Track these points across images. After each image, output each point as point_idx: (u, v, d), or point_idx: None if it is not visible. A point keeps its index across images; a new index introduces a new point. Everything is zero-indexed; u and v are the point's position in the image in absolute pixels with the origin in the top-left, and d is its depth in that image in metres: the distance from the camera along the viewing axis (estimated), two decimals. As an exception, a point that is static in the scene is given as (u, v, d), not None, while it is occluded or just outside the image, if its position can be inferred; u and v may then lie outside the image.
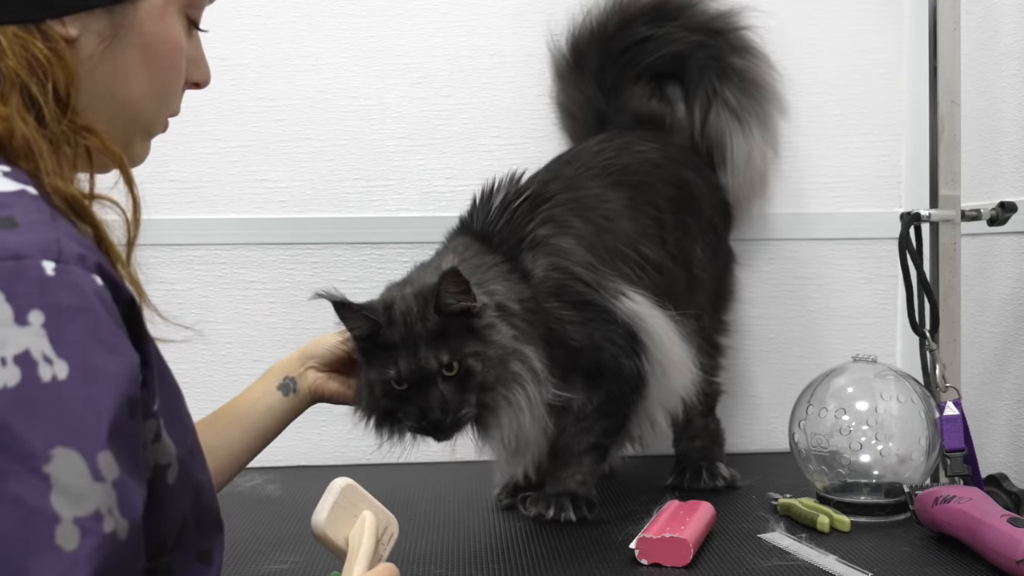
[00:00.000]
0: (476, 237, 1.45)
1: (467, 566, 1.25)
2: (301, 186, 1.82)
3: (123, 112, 0.84)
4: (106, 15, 0.80)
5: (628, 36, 1.71)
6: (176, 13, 0.86)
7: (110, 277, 0.71)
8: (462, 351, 1.29)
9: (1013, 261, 1.62)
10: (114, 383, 0.67)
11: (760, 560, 1.23)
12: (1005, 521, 1.17)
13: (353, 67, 1.82)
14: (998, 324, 1.66)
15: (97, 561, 0.63)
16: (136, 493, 0.68)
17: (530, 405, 1.32)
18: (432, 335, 1.29)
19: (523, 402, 1.32)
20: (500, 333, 1.32)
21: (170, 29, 0.85)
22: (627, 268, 1.48)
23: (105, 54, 0.81)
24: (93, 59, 0.80)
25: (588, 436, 1.45)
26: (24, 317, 0.64)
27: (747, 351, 1.89)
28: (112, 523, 0.65)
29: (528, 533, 1.38)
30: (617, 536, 1.32)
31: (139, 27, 0.82)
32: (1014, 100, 1.61)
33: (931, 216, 1.56)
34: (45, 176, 0.74)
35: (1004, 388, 1.63)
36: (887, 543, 1.30)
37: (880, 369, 1.48)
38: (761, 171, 1.74)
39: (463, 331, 1.30)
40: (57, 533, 0.62)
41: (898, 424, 1.45)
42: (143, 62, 0.83)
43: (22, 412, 0.62)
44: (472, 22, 1.84)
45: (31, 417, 0.63)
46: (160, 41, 0.84)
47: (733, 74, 1.71)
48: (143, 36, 0.82)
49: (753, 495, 1.52)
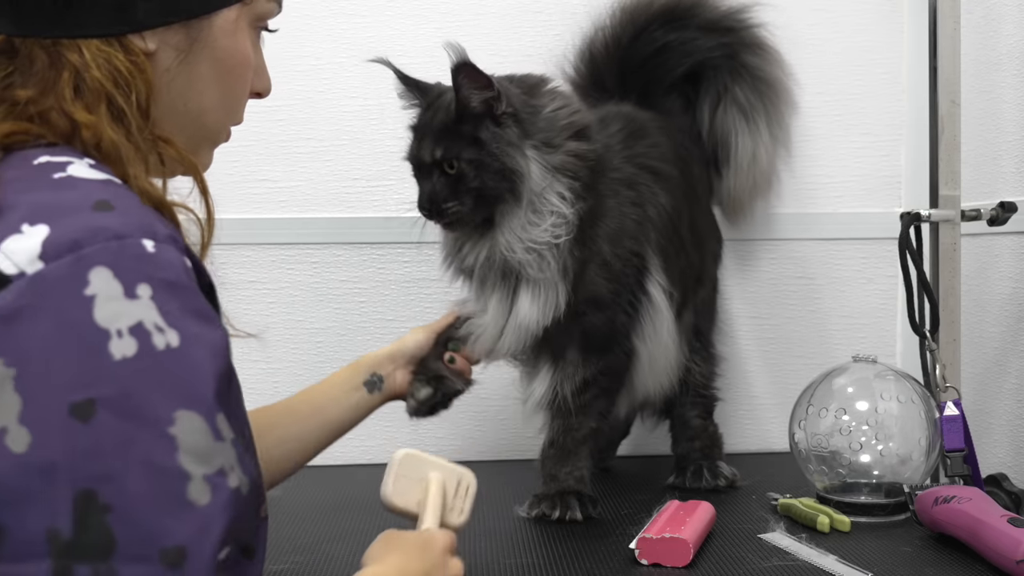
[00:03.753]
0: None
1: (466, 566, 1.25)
2: (301, 186, 1.82)
3: (193, 122, 0.88)
4: (183, 30, 0.84)
5: (645, 46, 1.68)
6: (247, 27, 0.90)
7: (195, 260, 0.76)
8: (458, 152, 1.34)
9: (1013, 261, 1.62)
10: (215, 352, 0.71)
11: (760, 560, 1.23)
12: (1005, 521, 1.17)
13: (353, 67, 1.82)
14: (998, 324, 1.66)
15: (229, 514, 0.68)
16: (246, 454, 0.73)
17: (519, 231, 1.35)
18: (443, 129, 1.35)
19: (510, 223, 1.35)
20: (510, 147, 1.34)
21: (241, 43, 0.89)
22: (671, 248, 1.51)
23: (180, 67, 0.85)
24: (170, 72, 0.84)
25: (589, 420, 1.45)
26: (133, 291, 0.68)
27: (747, 351, 1.89)
28: (236, 479, 0.69)
29: (528, 533, 1.38)
30: (617, 536, 1.33)
31: (213, 41, 0.86)
32: (1014, 100, 1.61)
33: (931, 216, 1.56)
34: (133, 180, 0.78)
35: (1004, 388, 1.63)
36: (887, 543, 1.30)
37: (880, 369, 1.48)
38: (765, 170, 1.73)
39: (475, 133, 1.34)
40: (190, 490, 0.66)
41: (898, 424, 1.45)
42: (215, 75, 0.87)
43: (143, 380, 0.67)
44: (472, 22, 1.84)
45: (152, 384, 0.67)
46: (231, 55, 0.88)
47: (745, 73, 1.70)
48: (216, 50, 0.87)
49: (753, 495, 1.52)
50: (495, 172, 1.34)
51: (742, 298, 1.88)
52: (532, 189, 1.35)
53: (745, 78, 1.70)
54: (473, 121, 1.34)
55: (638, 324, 1.47)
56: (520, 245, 1.36)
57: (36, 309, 0.66)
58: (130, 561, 0.64)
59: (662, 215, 1.49)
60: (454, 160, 1.34)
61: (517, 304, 1.39)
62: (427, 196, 1.37)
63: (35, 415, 0.64)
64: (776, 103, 1.72)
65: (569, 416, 1.45)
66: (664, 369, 1.52)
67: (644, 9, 1.69)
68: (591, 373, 1.45)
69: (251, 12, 0.90)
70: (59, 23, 0.80)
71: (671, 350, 1.52)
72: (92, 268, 0.67)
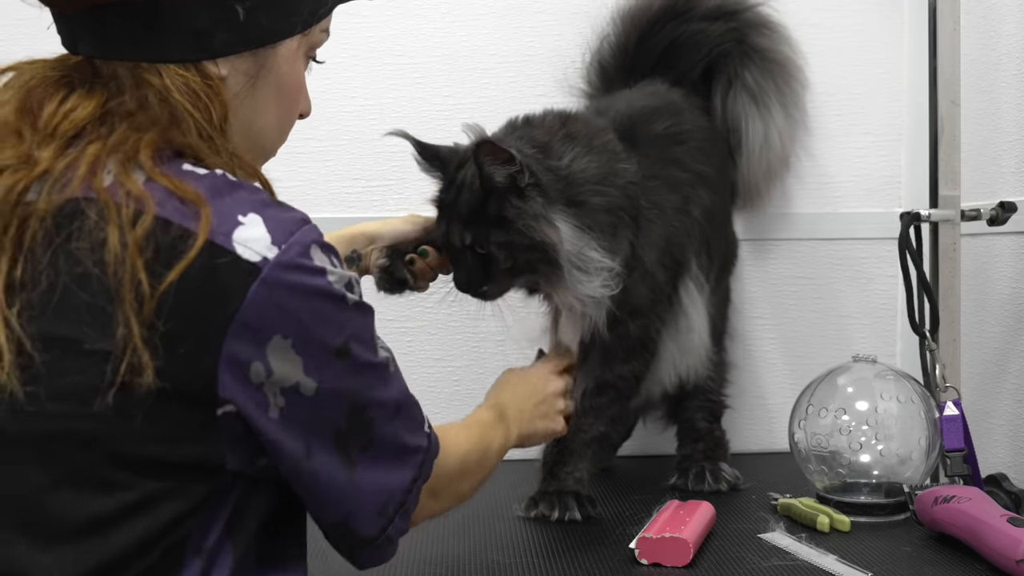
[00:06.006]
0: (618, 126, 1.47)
1: (466, 567, 1.25)
2: (301, 186, 1.82)
3: (255, 142, 0.97)
4: (251, 57, 0.92)
5: (652, 46, 1.67)
6: (303, 55, 0.98)
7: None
8: (487, 236, 1.31)
9: (1013, 261, 1.62)
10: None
11: (760, 560, 1.23)
12: (1005, 521, 1.17)
13: (353, 67, 1.82)
14: (998, 324, 1.65)
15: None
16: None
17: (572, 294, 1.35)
18: (469, 212, 1.33)
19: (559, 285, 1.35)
20: (537, 221, 1.30)
21: (299, 70, 0.98)
22: (712, 237, 1.53)
23: (247, 91, 0.93)
24: (239, 96, 0.92)
25: (599, 424, 1.46)
26: (332, 259, 0.86)
27: (747, 351, 1.89)
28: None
29: (527, 533, 1.38)
30: (617, 536, 1.33)
31: (276, 68, 0.94)
32: (1014, 100, 1.61)
33: (931, 216, 1.56)
34: None
35: (1004, 388, 1.63)
36: (887, 543, 1.30)
37: (880, 369, 1.48)
38: (779, 152, 1.71)
39: (501, 212, 1.31)
40: (390, 366, 0.91)
41: (898, 424, 1.45)
42: (275, 99, 0.96)
43: (364, 320, 0.88)
44: (472, 22, 1.84)
45: (368, 323, 0.90)
46: (291, 80, 0.97)
47: (755, 54, 1.69)
48: (279, 76, 0.95)
49: (753, 495, 1.52)
50: (526, 248, 1.32)
51: (742, 298, 1.88)
52: (569, 252, 1.32)
53: (754, 60, 1.68)
54: (498, 198, 1.31)
55: (672, 324, 1.49)
56: (578, 300, 1.35)
57: (289, 286, 0.80)
58: (378, 426, 0.89)
59: (705, 212, 1.51)
60: (483, 243, 1.32)
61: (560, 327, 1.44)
62: (464, 281, 1.35)
63: (313, 366, 0.82)
64: (787, 81, 1.71)
65: (580, 416, 1.45)
66: (694, 357, 1.54)
67: (644, 10, 1.68)
68: (611, 377, 1.45)
69: (308, 42, 0.98)
70: (141, 47, 0.86)
71: (702, 339, 1.53)
72: (310, 247, 0.82)
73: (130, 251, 0.78)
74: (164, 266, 0.78)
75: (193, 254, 0.78)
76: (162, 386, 0.77)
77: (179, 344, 0.78)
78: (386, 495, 0.90)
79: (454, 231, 1.34)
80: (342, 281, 0.84)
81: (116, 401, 0.77)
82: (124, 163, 0.82)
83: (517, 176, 1.30)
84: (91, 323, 0.78)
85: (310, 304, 0.82)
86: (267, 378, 0.81)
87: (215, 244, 0.79)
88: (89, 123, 0.85)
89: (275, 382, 0.81)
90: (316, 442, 0.85)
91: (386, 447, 0.90)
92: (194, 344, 0.78)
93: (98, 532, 0.77)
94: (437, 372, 1.84)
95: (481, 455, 1.12)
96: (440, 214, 1.38)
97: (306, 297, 0.82)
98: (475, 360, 1.85)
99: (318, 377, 0.83)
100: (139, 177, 0.82)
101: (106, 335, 0.77)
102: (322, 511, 0.89)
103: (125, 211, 0.79)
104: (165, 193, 0.81)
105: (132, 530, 0.78)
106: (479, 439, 1.13)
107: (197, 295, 0.78)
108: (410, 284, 1.39)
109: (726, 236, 1.68)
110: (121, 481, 0.78)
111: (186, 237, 0.79)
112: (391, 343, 0.95)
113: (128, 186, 0.81)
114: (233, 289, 0.79)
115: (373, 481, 0.89)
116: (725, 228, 1.67)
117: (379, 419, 0.88)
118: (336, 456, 0.86)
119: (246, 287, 0.79)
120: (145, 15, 0.85)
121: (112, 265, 0.77)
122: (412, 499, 0.93)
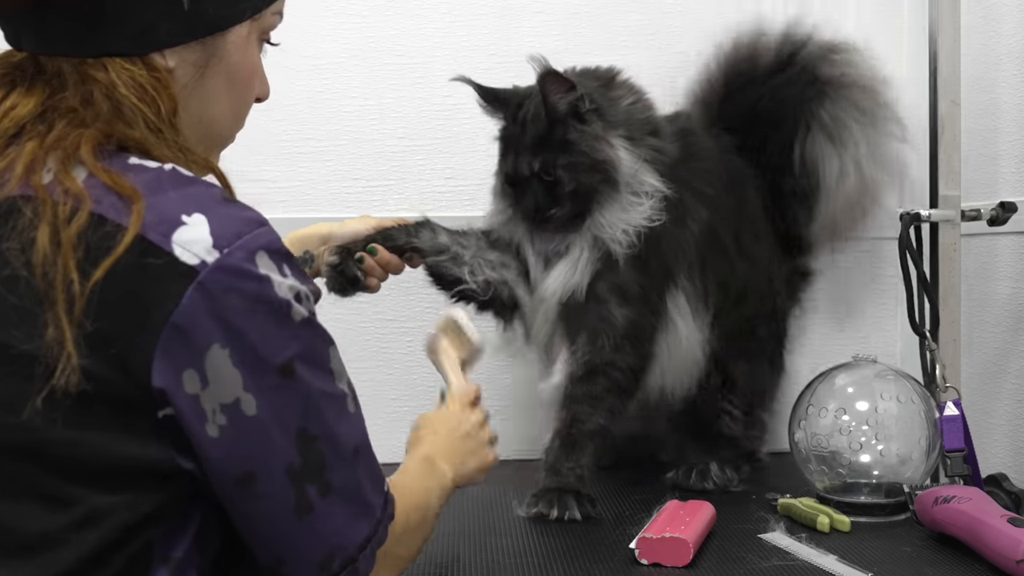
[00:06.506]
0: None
1: (466, 566, 1.25)
2: (301, 186, 1.82)
3: (207, 132, 0.94)
4: (199, 47, 0.89)
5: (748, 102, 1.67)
6: (255, 40, 0.95)
7: None
8: (554, 161, 1.43)
9: (1013, 261, 1.62)
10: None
11: (760, 560, 1.23)
12: (1005, 521, 1.17)
13: (353, 67, 1.82)
14: (998, 324, 1.65)
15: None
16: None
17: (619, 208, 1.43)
18: (535, 141, 1.44)
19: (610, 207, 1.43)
20: (598, 141, 1.43)
21: (251, 55, 0.95)
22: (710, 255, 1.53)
23: (197, 81, 0.90)
24: (188, 87, 0.89)
25: (597, 415, 1.46)
26: (282, 267, 0.82)
27: (747, 351, 1.89)
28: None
29: (528, 533, 1.38)
30: (617, 536, 1.33)
31: (227, 56, 0.91)
32: (1014, 100, 1.61)
33: (931, 216, 1.56)
34: None
35: (1004, 388, 1.63)
36: (887, 543, 1.30)
37: (880, 369, 1.48)
38: (857, 184, 1.64)
39: (565, 136, 1.42)
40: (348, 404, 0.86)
41: (898, 424, 1.45)
42: (227, 87, 0.93)
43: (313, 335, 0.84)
44: (472, 22, 1.84)
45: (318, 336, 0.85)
46: (243, 67, 0.93)
47: (828, 88, 1.64)
48: (230, 64, 0.92)
49: (753, 495, 1.52)
50: (588, 168, 1.43)
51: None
52: (625, 174, 1.43)
53: (828, 94, 1.64)
54: (562, 125, 1.43)
55: (662, 328, 1.49)
56: (620, 227, 1.43)
57: (228, 293, 0.76)
58: (336, 469, 0.82)
59: (703, 228, 1.51)
60: (550, 169, 1.43)
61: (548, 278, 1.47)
62: (532, 207, 1.45)
63: (252, 383, 0.78)
64: (867, 110, 1.65)
65: (573, 405, 1.45)
66: (682, 372, 1.53)
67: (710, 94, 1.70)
68: (599, 362, 1.45)
69: (259, 26, 0.95)
70: (85, 42, 0.84)
71: (693, 354, 1.52)
72: (256, 252, 0.78)
73: (63, 249, 0.75)
74: (92, 264, 0.75)
75: (120, 250, 0.75)
76: (90, 388, 0.74)
77: (108, 345, 0.75)
78: (334, 547, 0.83)
79: (522, 161, 1.44)
80: (291, 292, 0.80)
81: (45, 406, 0.74)
82: (64, 160, 0.80)
83: (578, 103, 1.42)
84: (18, 325, 0.75)
85: (250, 314, 0.77)
86: (202, 389, 0.76)
87: (147, 240, 0.76)
88: (28, 121, 0.83)
89: (213, 395, 0.77)
90: (262, 472, 0.79)
91: (344, 496, 0.83)
92: (124, 345, 0.75)
93: (47, 547, 0.75)
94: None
95: (423, 514, 1.01)
96: (506, 149, 1.49)
97: (246, 306, 0.77)
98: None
99: (258, 396, 0.78)
100: (80, 174, 0.80)
101: (33, 337, 0.74)
102: (256, 547, 0.83)
103: (61, 208, 0.77)
104: (103, 189, 0.78)
105: (83, 543, 0.75)
106: (420, 495, 1.03)
107: (125, 294, 0.75)
108: (361, 282, 1.42)
109: (741, 271, 1.59)
110: (66, 494, 0.76)
111: (115, 233, 0.76)
112: (391, 343, 0.95)
113: (66, 183, 0.78)
114: (168, 291, 0.75)
115: (322, 532, 0.82)
116: (738, 262, 1.59)
117: (333, 458, 0.82)
118: (288, 494, 0.80)
119: (181, 291, 0.75)
120: (89, 12, 0.83)
121: (40, 266, 0.75)
122: (365, 560, 0.85)
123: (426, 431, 1.18)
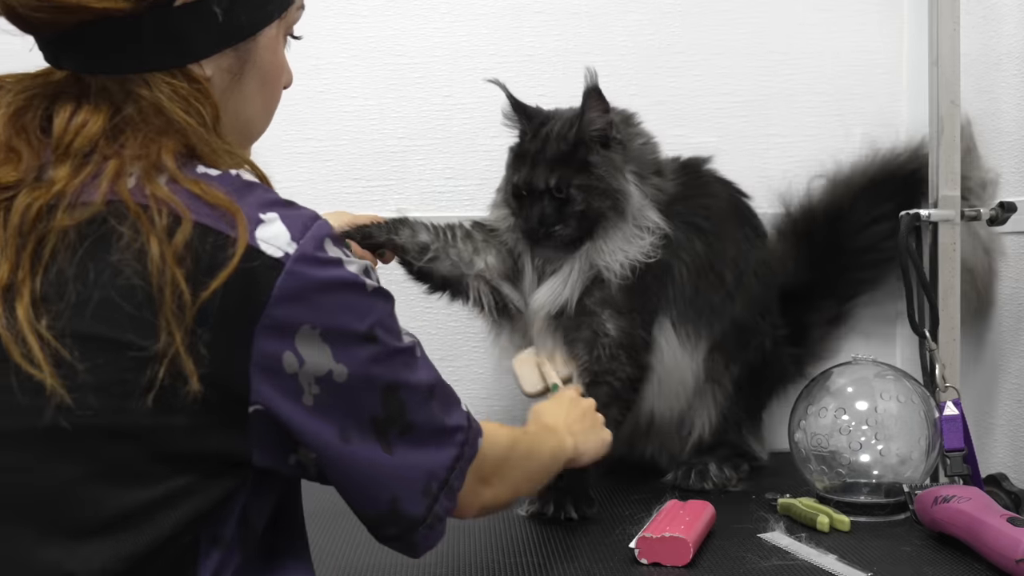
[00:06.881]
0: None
1: (466, 566, 1.25)
2: (301, 186, 1.82)
3: (244, 131, 0.99)
4: (232, 53, 0.93)
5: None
6: (282, 37, 0.99)
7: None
8: (570, 179, 1.46)
9: (1013, 261, 1.62)
10: None
11: (760, 560, 1.23)
12: (1005, 521, 1.17)
13: (353, 67, 1.82)
14: (998, 324, 1.65)
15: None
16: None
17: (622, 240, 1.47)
18: (556, 157, 1.47)
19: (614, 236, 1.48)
20: (617, 171, 1.48)
21: (279, 54, 0.99)
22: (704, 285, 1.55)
23: (233, 86, 0.94)
24: (225, 93, 0.93)
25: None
26: (344, 250, 0.88)
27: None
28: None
29: (528, 533, 1.38)
30: (617, 536, 1.33)
31: (259, 58, 0.95)
32: (1014, 100, 1.61)
33: (931, 216, 1.56)
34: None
35: (1004, 388, 1.63)
36: (887, 543, 1.30)
37: (880, 369, 1.48)
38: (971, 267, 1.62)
39: (587, 157, 1.47)
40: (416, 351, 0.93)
41: (898, 424, 1.45)
42: (260, 86, 0.97)
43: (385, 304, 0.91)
44: (472, 22, 1.84)
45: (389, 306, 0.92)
46: (273, 67, 0.98)
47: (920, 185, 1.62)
48: (262, 65, 0.96)
49: (753, 495, 1.52)
50: (601, 193, 1.47)
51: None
52: (634, 206, 1.48)
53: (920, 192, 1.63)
54: (585, 147, 1.47)
55: (655, 346, 1.51)
56: (620, 257, 1.46)
57: (311, 278, 0.83)
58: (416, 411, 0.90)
59: (696, 259, 1.53)
60: (564, 186, 1.46)
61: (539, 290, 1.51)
62: (537, 219, 1.47)
63: (342, 353, 0.85)
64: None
65: None
66: (671, 397, 1.55)
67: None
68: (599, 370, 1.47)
69: (285, 24, 0.99)
70: (124, 60, 0.87)
71: (683, 379, 1.55)
72: (324, 240, 0.85)
73: (169, 260, 0.80)
74: (206, 273, 0.80)
75: (236, 261, 0.81)
76: (196, 386, 0.80)
77: (219, 347, 0.81)
78: (428, 475, 0.92)
79: (538, 174, 1.47)
80: (360, 269, 0.87)
81: (156, 401, 0.79)
82: (148, 171, 0.84)
83: (609, 128, 1.48)
84: (134, 330, 0.80)
85: (333, 293, 0.85)
86: (300, 367, 0.83)
87: (252, 247, 0.82)
88: (100, 138, 0.86)
89: (308, 371, 0.84)
90: (354, 428, 0.87)
91: (424, 430, 0.91)
92: (230, 345, 0.81)
93: (131, 525, 0.80)
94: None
95: (529, 448, 1.13)
96: (520, 161, 1.52)
97: (328, 287, 0.85)
98: (475, 360, 1.85)
99: (348, 363, 0.85)
100: (164, 183, 0.84)
101: (148, 340, 0.79)
102: (366, 499, 0.91)
103: (159, 220, 0.81)
104: (193, 198, 0.83)
105: (164, 522, 0.81)
106: (528, 435, 1.16)
107: (228, 296, 0.81)
108: None
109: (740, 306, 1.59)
110: (155, 474, 0.81)
111: (225, 243, 0.81)
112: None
113: (158, 193, 0.82)
114: (262, 286, 0.82)
115: (414, 464, 0.91)
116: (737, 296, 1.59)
117: (413, 403, 0.90)
118: (376, 443, 0.88)
119: (272, 282, 0.82)
120: (127, 31, 0.86)
121: (155, 276, 0.80)
122: (456, 477, 0.94)
123: (544, 412, 1.30)
